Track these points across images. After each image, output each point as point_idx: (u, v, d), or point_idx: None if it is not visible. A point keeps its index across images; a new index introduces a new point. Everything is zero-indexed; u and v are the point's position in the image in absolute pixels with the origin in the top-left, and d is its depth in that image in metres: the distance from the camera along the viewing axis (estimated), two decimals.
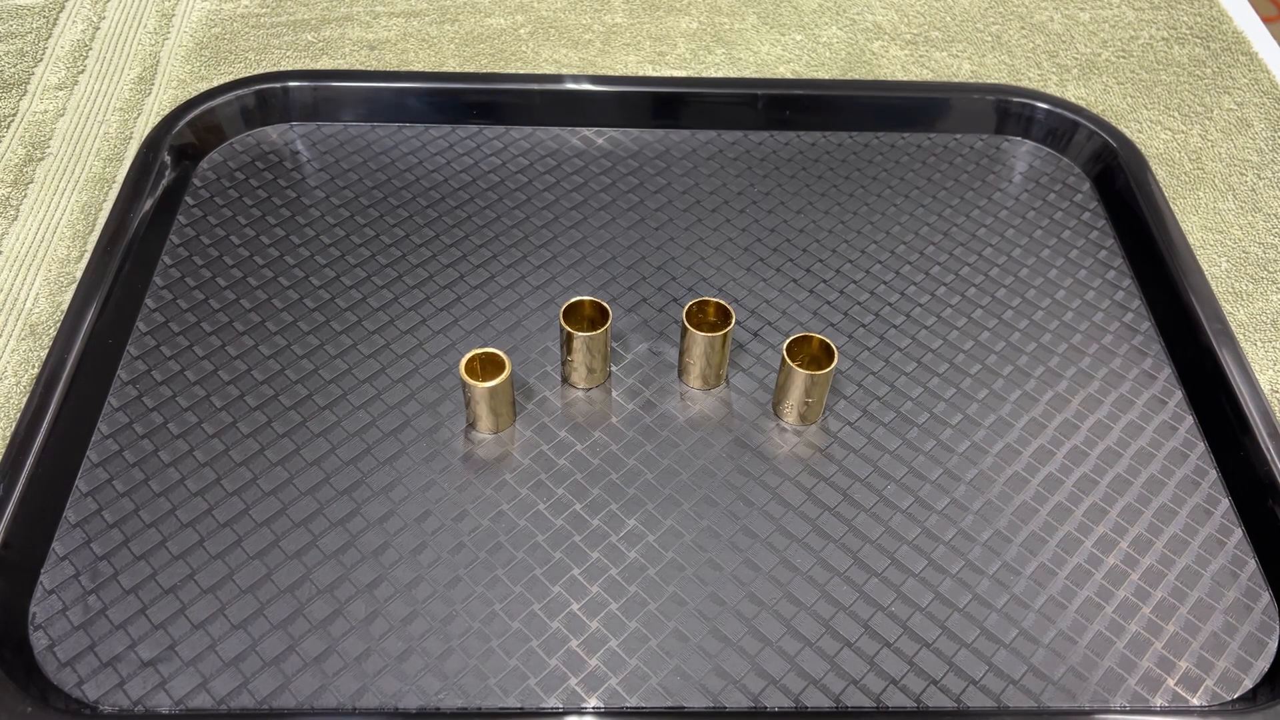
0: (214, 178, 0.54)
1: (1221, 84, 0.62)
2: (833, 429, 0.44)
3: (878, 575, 0.40)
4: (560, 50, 0.61)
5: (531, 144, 0.56)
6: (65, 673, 0.36)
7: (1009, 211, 0.54)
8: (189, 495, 0.41)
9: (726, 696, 0.36)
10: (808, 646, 0.38)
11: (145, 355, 0.45)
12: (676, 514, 0.41)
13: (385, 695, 0.36)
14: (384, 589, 0.38)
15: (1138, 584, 0.40)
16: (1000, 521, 0.41)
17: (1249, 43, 0.65)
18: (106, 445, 0.42)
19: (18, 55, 0.59)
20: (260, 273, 0.49)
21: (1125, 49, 0.64)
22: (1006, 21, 0.66)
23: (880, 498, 0.42)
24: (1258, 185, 0.56)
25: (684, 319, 0.43)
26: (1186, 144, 0.58)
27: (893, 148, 0.57)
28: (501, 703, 0.36)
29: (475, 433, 0.43)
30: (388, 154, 0.55)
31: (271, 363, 0.45)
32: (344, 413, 0.44)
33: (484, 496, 0.41)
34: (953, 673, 0.37)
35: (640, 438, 0.43)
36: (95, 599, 0.38)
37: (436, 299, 0.48)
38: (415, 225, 0.52)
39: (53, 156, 0.54)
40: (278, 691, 0.36)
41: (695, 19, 0.64)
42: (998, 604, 0.39)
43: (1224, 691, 0.37)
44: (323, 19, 0.62)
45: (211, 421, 0.43)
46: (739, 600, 0.39)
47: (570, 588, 0.39)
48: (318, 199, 0.53)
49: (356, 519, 0.40)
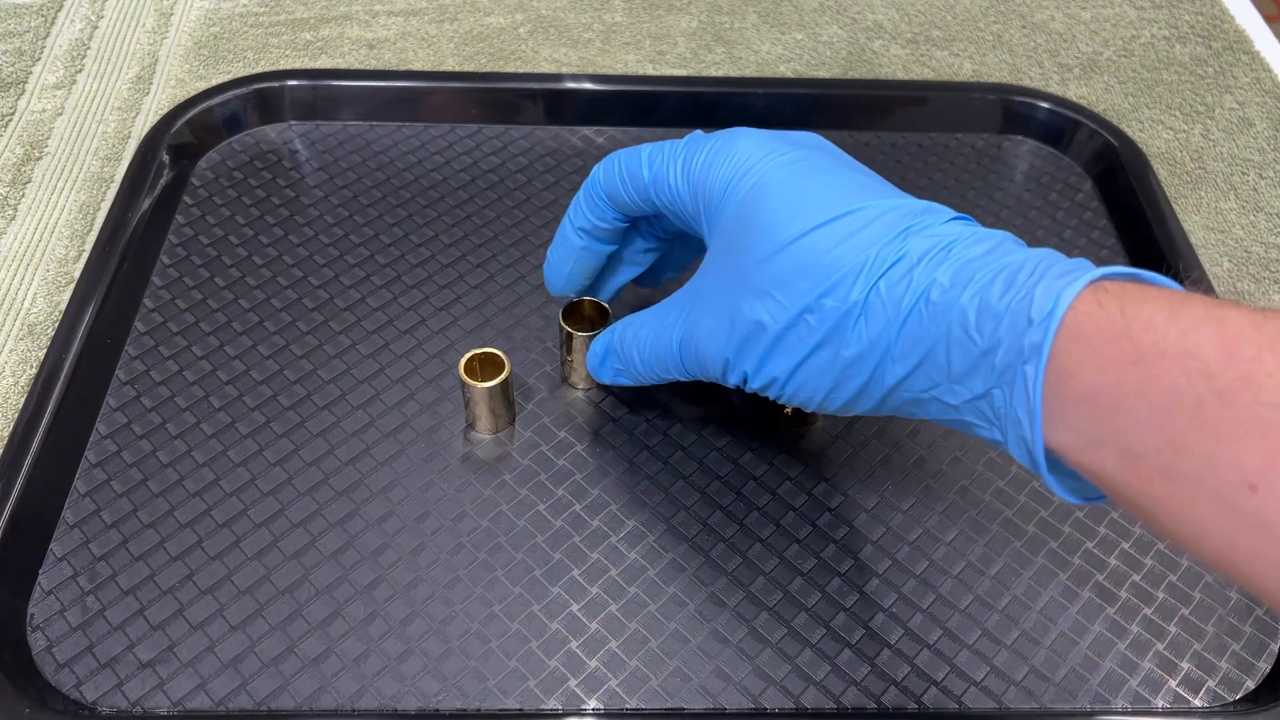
0: (212, 177, 0.53)
1: (1223, 83, 0.62)
2: (833, 429, 0.44)
3: (879, 576, 0.39)
4: (560, 49, 0.61)
5: (531, 144, 0.56)
6: (63, 674, 0.36)
7: (1010, 211, 0.54)
8: (187, 496, 0.41)
9: (727, 698, 0.36)
10: (808, 647, 0.37)
11: (143, 355, 0.45)
12: (677, 515, 0.41)
13: (384, 696, 0.36)
14: (383, 590, 0.38)
15: (1139, 584, 0.40)
16: (1001, 522, 0.41)
17: (1251, 42, 0.65)
18: (105, 445, 0.42)
19: (15, 54, 0.59)
20: (259, 272, 0.49)
21: (1127, 48, 0.64)
22: (1008, 21, 0.65)
23: (881, 498, 0.42)
24: (1259, 184, 0.56)
25: None
26: (1188, 143, 0.58)
27: (893, 147, 0.57)
28: (501, 704, 0.36)
29: (474, 433, 0.43)
30: (387, 153, 0.55)
31: (270, 363, 0.45)
32: (343, 413, 0.44)
33: (483, 497, 0.41)
34: (954, 674, 0.37)
35: (641, 438, 0.43)
36: (93, 600, 0.38)
37: (435, 299, 0.48)
38: (414, 225, 0.52)
39: (51, 156, 0.54)
40: (276, 693, 0.36)
41: (695, 18, 0.64)
42: (999, 604, 0.39)
43: (1225, 692, 0.37)
44: (321, 18, 0.62)
45: (210, 422, 0.43)
46: (739, 601, 0.39)
47: (570, 588, 0.39)
48: (316, 198, 0.53)
49: (355, 519, 0.40)
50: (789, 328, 0.32)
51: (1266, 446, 0.22)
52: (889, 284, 0.30)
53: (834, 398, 0.32)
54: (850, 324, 0.30)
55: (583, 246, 0.40)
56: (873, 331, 0.30)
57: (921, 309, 0.29)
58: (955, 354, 0.29)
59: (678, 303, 0.37)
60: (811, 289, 0.31)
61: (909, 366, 0.30)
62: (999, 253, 0.29)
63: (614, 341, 0.40)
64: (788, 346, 0.32)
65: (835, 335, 0.31)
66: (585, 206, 0.39)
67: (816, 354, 0.32)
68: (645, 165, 0.37)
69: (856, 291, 0.30)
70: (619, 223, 0.39)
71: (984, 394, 0.29)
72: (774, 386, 0.34)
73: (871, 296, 0.30)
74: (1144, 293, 0.26)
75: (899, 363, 0.30)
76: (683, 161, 0.36)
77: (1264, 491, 0.22)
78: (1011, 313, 0.27)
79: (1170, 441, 0.24)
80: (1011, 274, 0.28)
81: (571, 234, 0.40)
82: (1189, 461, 0.24)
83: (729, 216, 0.34)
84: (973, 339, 0.28)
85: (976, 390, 0.29)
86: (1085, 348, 0.26)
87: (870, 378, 0.31)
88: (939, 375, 0.29)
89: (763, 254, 0.32)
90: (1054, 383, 0.26)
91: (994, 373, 0.28)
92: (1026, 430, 0.27)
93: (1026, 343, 0.27)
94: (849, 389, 0.32)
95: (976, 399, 0.29)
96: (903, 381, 0.30)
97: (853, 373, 0.31)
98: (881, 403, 0.32)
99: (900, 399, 0.31)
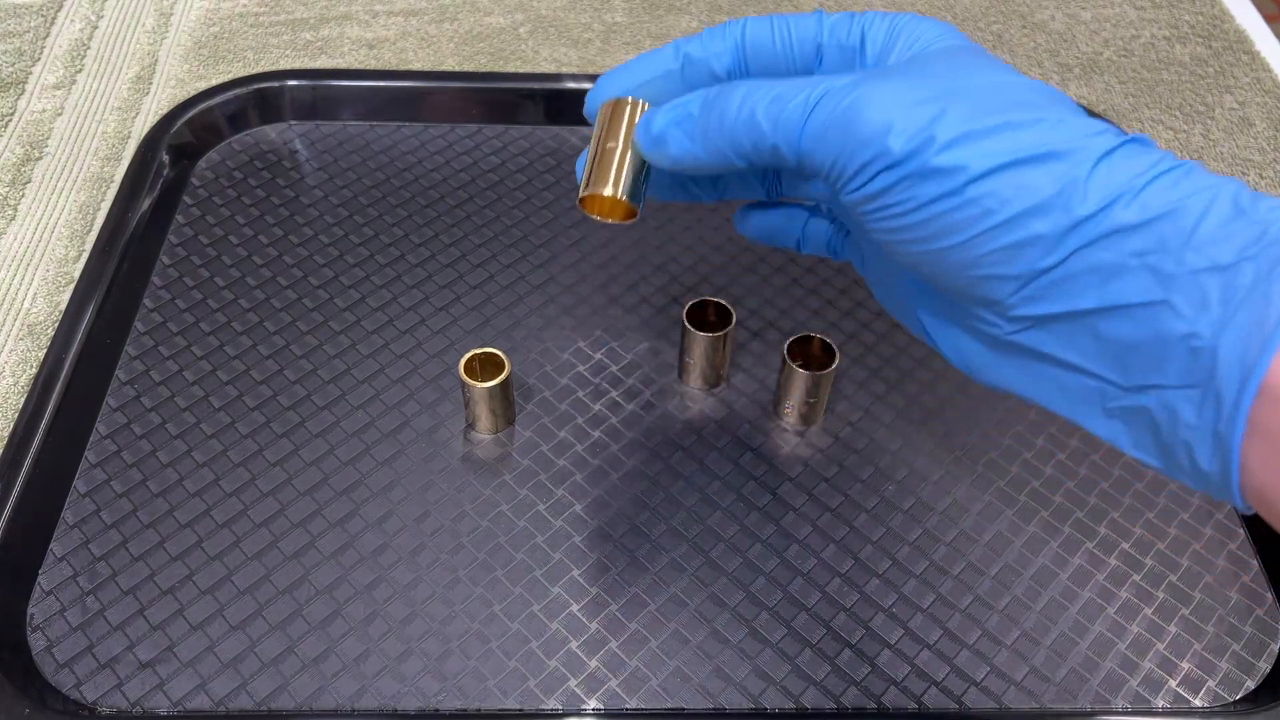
0: (212, 177, 0.53)
1: (1223, 83, 0.62)
2: (833, 429, 0.44)
3: (879, 576, 0.39)
4: (560, 49, 0.61)
5: (531, 143, 0.56)
6: (63, 674, 0.36)
7: None
8: (187, 496, 0.41)
9: (727, 698, 0.36)
10: (808, 648, 0.37)
11: (143, 355, 0.45)
12: (677, 515, 0.41)
13: (384, 696, 0.36)
14: (383, 590, 0.38)
15: (1139, 585, 0.40)
16: (1002, 522, 0.41)
17: (1251, 42, 0.65)
18: (104, 446, 0.42)
19: (15, 54, 0.59)
20: (259, 272, 0.49)
21: (1127, 48, 0.64)
22: (1008, 20, 0.65)
23: (881, 498, 0.42)
24: (1259, 184, 0.56)
25: (684, 319, 0.43)
26: (1188, 143, 0.58)
27: None
28: (501, 704, 0.36)
29: (474, 433, 0.43)
30: (386, 153, 0.55)
31: (270, 363, 0.45)
32: (343, 413, 0.44)
33: (483, 497, 0.41)
34: (954, 674, 0.37)
35: (641, 438, 0.43)
36: (93, 600, 0.37)
37: (435, 299, 0.48)
38: (414, 225, 0.52)
39: (51, 156, 0.54)
40: (276, 693, 0.36)
41: (695, 18, 0.64)
42: (999, 605, 0.39)
43: (1226, 693, 0.37)
44: (321, 18, 0.62)
45: (210, 422, 0.43)
46: (739, 601, 0.39)
47: (570, 589, 0.39)
48: (316, 198, 0.53)
49: (355, 519, 0.40)
50: (1009, 124, 0.24)
51: None
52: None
53: (1016, 227, 0.24)
54: (1088, 165, 0.24)
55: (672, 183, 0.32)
56: (1115, 171, 0.23)
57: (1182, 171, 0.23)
58: (1206, 234, 0.23)
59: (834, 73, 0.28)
60: (1069, 109, 0.25)
61: (1144, 217, 0.23)
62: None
63: (712, 96, 0.28)
64: (1000, 140, 0.24)
65: (1065, 151, 0.24)
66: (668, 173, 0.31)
67: (1031, 163, 0.24)
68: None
69: (1104, 140, 0.24)
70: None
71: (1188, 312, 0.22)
72: (954, 176, 0.24)
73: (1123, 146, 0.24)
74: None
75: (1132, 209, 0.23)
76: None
77: None
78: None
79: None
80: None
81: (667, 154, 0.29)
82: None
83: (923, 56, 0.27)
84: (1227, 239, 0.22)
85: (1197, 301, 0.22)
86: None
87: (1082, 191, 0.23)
88: (1166, 241, 0.23)
89: (983, 81, 0.26)
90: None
91: (1239, 291, 0.22)
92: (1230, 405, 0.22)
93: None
94: (1040, 220, 0.24)
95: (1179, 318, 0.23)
96: (1123, 230, 0.23)
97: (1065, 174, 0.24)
98: (1057, 244, 0.24)
99: (1084, 263, 0.24)
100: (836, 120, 0.25)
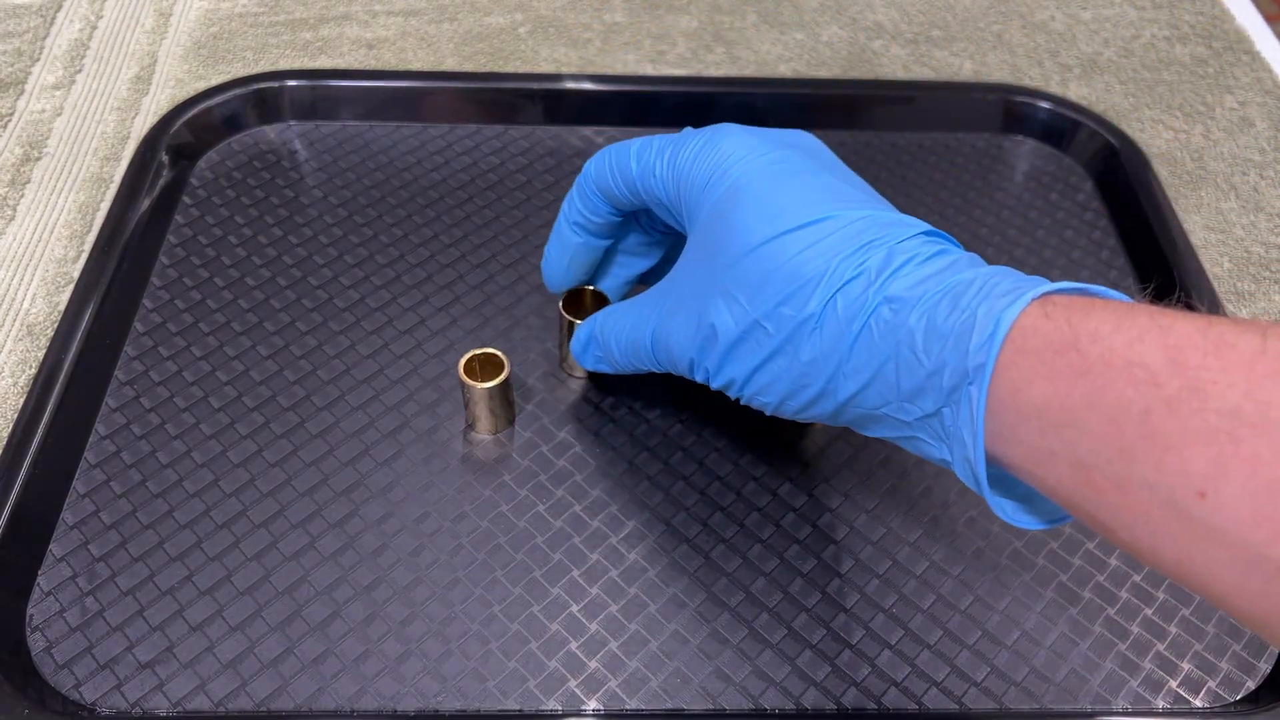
0: (212, 177, 0.53)
1: (1224, 83, 0.62)
2: (834, 430, 0.44)
3: (879, 576, 0.39)
4: (559, 49, 0.61)
5: (531, 144, 0.56)
6: (62, 675, 0.36)
7: (1010, 211, 0.54)
8: (187, 496, 0.40)
9: (727, 699, 0.36)
10: (808, 648, 0.37)
11: (143, 356, 0.45)
12: (677, 516, 0.41)
13: (384, 697, 0.36)
14: (382, 591, 0.38)
15: (1139, 585, 0.40)
16: (1002, 522, 0.41)
17: (1251, 42, 0.65)
18: (104, 446, 0.42)
19: (14, 54, 0.59)
20: (258, 273, 0.49)
21: (1127, 48, 0.64)
22: (1008, 20, 0.65)
23: (881, 499, 0.42)
24: (1260, 185, 0.56)
25: None
26: (1189, 143, 0.58)
27: (893, 147, 0.57)
28: (501, 705, 0.36)
29: (474, 434, 0.43)
30: (386, 153, 0.55)
31: (269, 363, 0.45)
32: (342, 413, 0.43)
33: (483, 498, 0.41)
34: (954, 674, 0.37)
35: (641, 439, 0.43)
36: (93, 601, 0.37)
37: (435, 299, 0.48)
38: (414, 225, 0.52)
39: (50, 156, 0.54)
40: (276, 693, 0.36)
41: (695, 17, 0.64)
42: (1000, 605, 0.39)
43: (1226, 693, 0.37)
44: (321, 18, 0.62)
45: (209, 422, 0.43)
46: (739, 602, 0.38)
47: (570, 589, 0.39)
48: (316, 199, 0.52)
49: (355, 520, 0.40)
50: (747, 332, 0.32)
51: (1213, 453, 0.22)
52: (845, 298, 0.30)
53: (789, 404, 0.33)
54: (805, 335, 0.31)
55: (579, 242, 0.40)
56: (825, 345, 0.30)
57: (872, 327, 0.29)
58: (904, 374, 0.29)
59: (653, 297, 0.37)
60: (772, 295, 0.31)
61: (861, 382, 0.30)
62: (951, 271, 0.29)
63: (595, 330, 0.40)
64: (746, 351, 0.32)
65: (790, 344, 0.31)
66: (578, 200, 0.40)
67: (773, 360, 0.32)
68: (634, 159, 0.37)
69: (814, 303, 0.30)
70: (611, 217, 0.40)
71: (934, 413, 0.29)
72: (733, 387, 0.34)
73: (827, 310, 0.30)
74: (1090, 305, 0.26)
75: (851, 379, 0.30)
76: (669, 156, 0.36)
77: (1212, 498, 0.22)
78: (955, 334, 0.27)
79: (1121, 451, 0.24)
80: (958, 293, 0.28)
81: (566, 228, 0.40)
82: (1139, 470, 0.24)
83: (706, 214, 0.34)
84: (920, 360, 0.28)
85: (927, 409, 0.29)
86: (1034, 361, 0.26)
87: (824, 389, 0.31)
88: (890, 394, 0.29)
89: (732, 255, 0.32)
90: (1004, 397, 0.26)
91: (942, 393, 0.28)
92: (970, 451, 0.27)
93: (970, 365, 0.27)
94: (803, 397, 0.32)
95: (928, 417, 0.29)
96: (855, 396, 0.30)
97: (807, 382, 0.31)
98: (838, 414, 0.32)
99: (855, 413, 0.31)
100: (661, 349, 0.37)
